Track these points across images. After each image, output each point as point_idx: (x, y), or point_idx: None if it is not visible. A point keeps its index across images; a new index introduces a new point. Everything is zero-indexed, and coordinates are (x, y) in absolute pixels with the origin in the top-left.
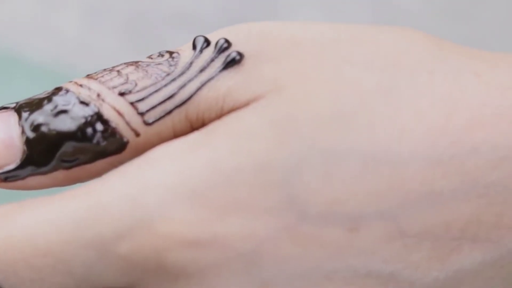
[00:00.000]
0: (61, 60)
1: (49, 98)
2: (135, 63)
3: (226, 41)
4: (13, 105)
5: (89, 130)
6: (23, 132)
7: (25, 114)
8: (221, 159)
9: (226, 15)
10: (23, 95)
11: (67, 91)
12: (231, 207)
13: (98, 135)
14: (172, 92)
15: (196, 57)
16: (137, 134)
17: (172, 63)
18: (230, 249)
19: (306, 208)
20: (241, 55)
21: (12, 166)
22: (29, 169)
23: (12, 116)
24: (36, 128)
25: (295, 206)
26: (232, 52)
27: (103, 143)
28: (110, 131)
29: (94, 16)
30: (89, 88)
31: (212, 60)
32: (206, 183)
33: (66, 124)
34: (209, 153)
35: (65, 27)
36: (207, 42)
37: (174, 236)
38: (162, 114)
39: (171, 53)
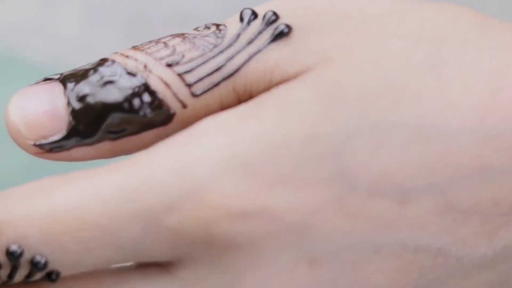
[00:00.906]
0: (61, 60)
1: (95, 69)
2: (182, 35)
3: (274, 13)
4: (57, 76)
5: (136, 101)
6: (68, 103)
7: (70, 85)
8: (269, 131)
9: (226, 15)
10: None
11: (113, 61)
12: (280, 179)
13: (145, 106)
14: (220, 64)
15: (244, 29)
16: (184, 106)
17: (219, 35)
18: (279, 221)
19: (356, 180)
20: (289, 27)
21: (57, 137)
22: (74, 140)
23: (57, 86)
24: (82, 98)
25: (345, 179)
26: (280, 25)
27: (150, 115)
28: (157, 103)
29: (94, 16)
30: (136, 59)
31: (260, 32)
32: (254, 155)
33: (112, 94)
34: (258, 125)
35: (65, 27)
36: (255, 14)
37: (223, 207)
38: (210, 86)
39: (217, 25)
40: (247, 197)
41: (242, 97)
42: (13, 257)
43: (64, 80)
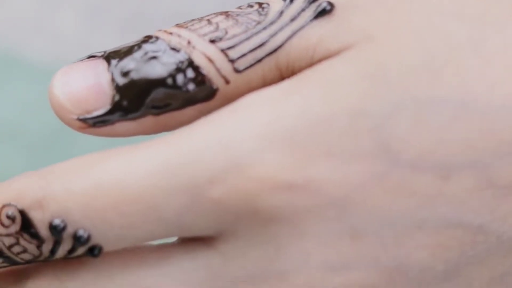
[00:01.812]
0: (61, 60)
1: (139, 45)
2: (225, 13)
3: None
4: (101, 54)
5: (180, 77)
6: (112, 78)
7: (114, 61)
8: (313, 106)
9: None
10: (23, 95)
11: (157, 38)
12: (323, 153)
13: (188, 81)
14: (263, 40)
15: (287, 6)
16: (227, 82)
17: (262, 12)
18: (322, 194)
19: (398, 155)
20: (331, 5)
21: (101, 112)
22: (118, 115)
23: (101, 63)
24: (126, 74)
25: (387, 154)
26: (322, 2)
27: (193, 90)
28: (200, 78)
29: (94, 16)
30: (179, 36)
31: (303, 10)
32: (299, 129)
33: (156, 70)
34: (301, 100)
35: (65, 27)
36: None
37: (267, 180)
38: (253, 62)
39: (260, 3)
40: (291, 169)
41: (285, 74)
42: (55, 231)
43: (108, 57)
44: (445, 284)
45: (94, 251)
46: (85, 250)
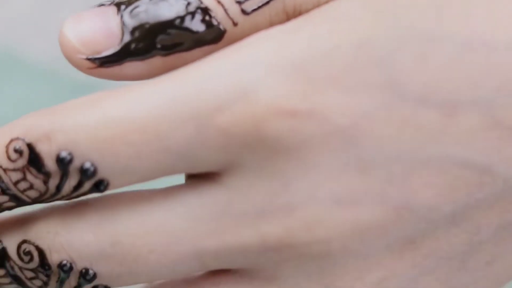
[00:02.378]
0: (61, 60)
1: None
2: None
3: None
4: (110, 2)
5: (188, 18)
6: (122, 20)
7: (123, 6)
8: (320, 38)
9: None
10: (23, 95)
11: None
12: (330, 82)
13: (197, 22)
14: None
15: None
16: (235, 24)
17: None
18: (328, 122)
19: (404, 89)
20: None
21: (110, 52)
22: (127, 55)
23: (111, 8)
24: (135, 15)
25: (392, 86)
26: None
27: (201, 31)
28: (208, 19)
29: None
30: None
31: None
32: (306, 58)
33: (165, 11)
34: (308, 33)
35: None
36: None
37: (273, 106)
38: (260, 4)
39: None
40: (298, 97)
41: (292, 17)
42: (62, 164)
43: (118, 3)
44: (453, 228)
45: (100, 186)
46: (91, 185)
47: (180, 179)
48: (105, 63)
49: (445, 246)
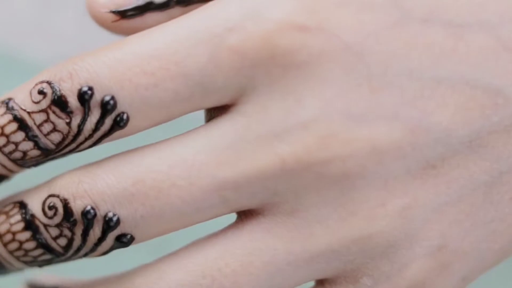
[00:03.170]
0: (60, 60)
1: None
2: None
3: None
4: None
5: None
6: None
7: None
8: None
9: None
10: None
11: None
12: (337, 1)
13: None
14: None
15: None
16: None
17: None
18: (336, 38)
19: (411, 9)
20: None
21: (132, 5)
22: (148, 7)
23: None
24: None
25: (400, 6)
26: None
27: None
28: None
29: None
30: None
31: None
32: None
33: None
34: None
35: (64, 27)
36: None
37: (283, 22)
38: None
39: None
40: (307, 13)
41: None
42: (84, 99)
43: None
44: (472, 155)
45: (120, 122)
46: (112, 121)
47: None
48: (126, 15)
49: (466, 174)
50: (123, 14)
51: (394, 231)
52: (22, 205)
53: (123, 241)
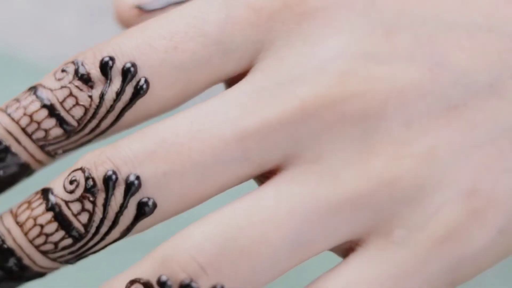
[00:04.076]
0: (61, 60)
1: None
2: None
3: None
4: None
5: None
6: None
7: None
8: None
9: None
10: None
11: None
12: None
13: None
14: None
15: None
16: None
17: None
18: None
19: None
20: None
21: (158, 6)
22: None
23: None
24: None
25: None
26: None
27: None
28: None
29: (93, 16)
30: None
31: None
32: None
33: None
34: None
35: (65, 27)
36: None
37: None
38: None
39: None
40: None
41: None
42: (105, 68)
43: None
44: (494, 99)
45: (141, 90)
46: (132, 89)
47: None
48: (152, 9)
49: (490, 118)
50: (147, 10)
51: (421, 172)
52: (45, 190)
53: (146, 207)
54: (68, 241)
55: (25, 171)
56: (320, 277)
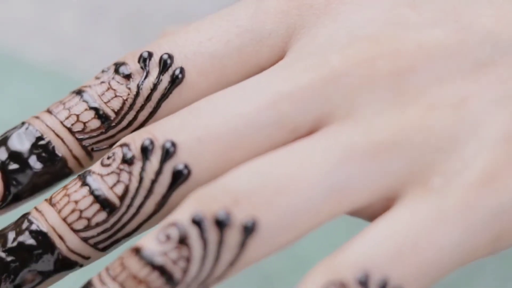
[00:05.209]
0: (61, 60)
1: None
2: None
3: None
4: None
5: None
6: None
7: None
8: None
9: None
10: (23, 96)
11: None
12: None
13: None
14: None
15: None
16: None
17: None
18: None
19: None
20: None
21: None
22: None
23: None
24: None
25: None
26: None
27: None
28: None
29: (94, 17)
30: None
31: None
32: None
33: None
34: None
35: (65, 28)
36: None
37: None
38: None
39: None
40: None
41: None
42: (143, 61)
43: None
44: None
45: (177, 79)
46: (169, 78)
47: None
48: None
49: None
50: None
51: (456, 121)
52: (83, 174)
53: (180, 174)
54: (102, 215)
55: (62, 168)
56: (363, 231)
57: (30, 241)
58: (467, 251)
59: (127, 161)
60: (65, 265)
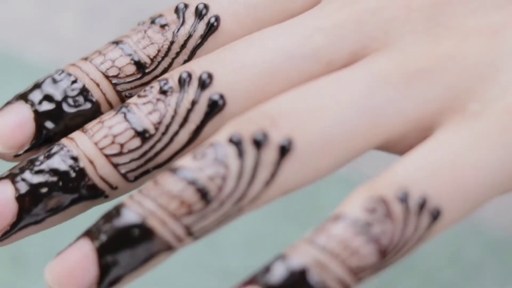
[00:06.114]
0: (61, 60)
1: None
2: None
3: None
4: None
5: None
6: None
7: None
8: None
9: None
10: None
11: None
12: None
13: None
14: None
15: None
16: None
17: None
18: None
19: None
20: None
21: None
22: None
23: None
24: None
25: None
26: None
27: None
28: None
29: (93, 17)
30: None
31: None
32: None
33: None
34: None
35: (64, 28)
36: None
37: None
38: None
39: None
40: None
41: None
42: (179, 11)
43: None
44: None
45: (212, 26)
46: (205, 26)
47: None
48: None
49: None
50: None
51: (492, 49)
52: (118, 107)
53: (216, 103)
54: (136, 142)
55: (95, 112)
56: (404, 156)
57: (59, 164)
58: (506, 174)
59: (164, 92)
60: (92, 193)
